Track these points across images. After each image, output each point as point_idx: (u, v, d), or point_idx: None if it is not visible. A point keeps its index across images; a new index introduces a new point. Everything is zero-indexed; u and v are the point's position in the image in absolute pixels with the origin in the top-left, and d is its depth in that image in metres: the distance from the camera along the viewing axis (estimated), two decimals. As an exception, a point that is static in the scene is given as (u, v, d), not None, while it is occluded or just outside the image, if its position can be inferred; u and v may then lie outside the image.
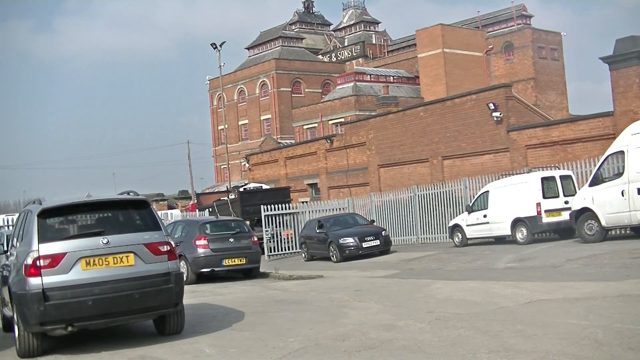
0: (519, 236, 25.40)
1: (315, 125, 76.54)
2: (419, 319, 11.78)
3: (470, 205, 28.18)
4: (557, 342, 8.91)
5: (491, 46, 75.19)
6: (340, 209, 37.44)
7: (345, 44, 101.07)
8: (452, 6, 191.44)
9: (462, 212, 29.15)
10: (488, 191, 27.36)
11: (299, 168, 51.99)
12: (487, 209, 26.95)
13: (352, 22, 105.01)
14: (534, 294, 13.40)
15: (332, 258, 29.19)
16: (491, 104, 35.46)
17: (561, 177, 25.63)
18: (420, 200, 33.89)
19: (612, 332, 9.15)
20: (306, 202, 44.59)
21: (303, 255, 32.61)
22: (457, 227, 28.80)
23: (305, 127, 78.37)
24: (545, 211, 24.74)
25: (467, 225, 28.08)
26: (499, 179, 28.45)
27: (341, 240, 28.84)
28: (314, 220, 33.29)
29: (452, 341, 9.75)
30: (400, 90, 74.85)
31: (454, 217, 30.18)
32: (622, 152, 21.78)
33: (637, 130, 21.61)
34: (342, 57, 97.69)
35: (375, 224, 32.76)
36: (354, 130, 46.85)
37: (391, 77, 78.97)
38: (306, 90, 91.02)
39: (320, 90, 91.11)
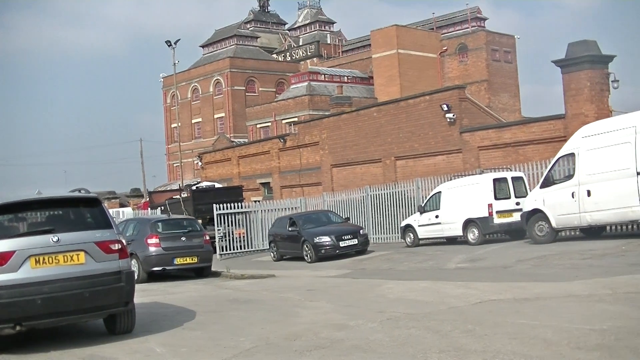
0: (471, 237, 25.57)
1: (269, 124, 76.45)
2: (371, 319, 11.81)
3: (423, 205, 28.30)
4: (507, 341, 8.99)
5: (445, 48, 75.57)
6: (292, 208, 37.41)
7: (300, 44, 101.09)
8: (407, 7, 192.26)
9: (414, 213, 29.25)
10: (440, 192, 27.51)
11: (252, 167, 51.88)
12: (439, 209, 27.09)
13: (307, 22, 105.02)
14: (484, 294, 13.50)
15: (306, 258, 27.64)
16: (445, 105, 35.65)
17: (513, 178, 25.86)
18: (373, 200, 33.95)
19: (561, 331, 9.25)
20: (259, 201, 44.52)
21: (272, 255, 31.16)
22: (409, 228, 28.90)
23: (258, 126, 78.23)
24: (497, 212, 24.95)
25: (419, 226, 28.20)
26: (451, 179, 28.60)
27: (316, 239, 27.24)
28: (284, 217, 31.85)
29: (403, 341, 9.79)
30: (354, 90, 75.00)
31: (406, 218, 30.27)
32: (572, 155, 22.07)
33: (587, 133, 21.89)
34: (297, 57, 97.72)
35: (350, 222, 31.43)
36: (307, 130, 46.86)
37: (345, 77, 79.07)
38: (260, 89, 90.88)
39: (275, 90, 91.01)
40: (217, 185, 45.45)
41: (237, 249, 35.06)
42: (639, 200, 19.72)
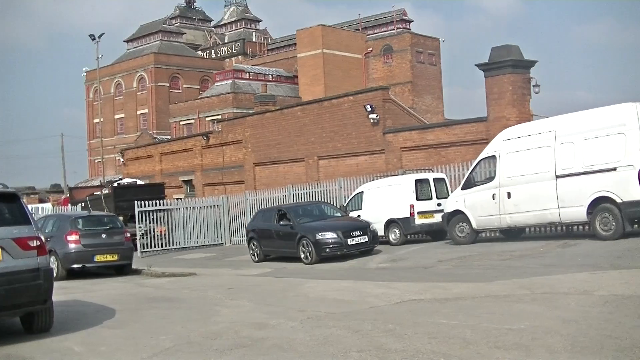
0: (392, 237, 25.75)
1: (192, 121, 75.92)
2: (291, 318, 11.81)
3: (345, 205, 28.37)
4: (426, 341, 9.06)
5: (371, 49, 75.97)
6: (215, 206, 37.25)
7: (226, 41, 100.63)
8: (333, 7, 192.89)
9: (338, 212, 29.31)
10: (362, 192, 27.62)
11: (175, 164, 51.45)
12: (361, 209, 27.17)
13: (233, 19, 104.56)
14: (405, 294, 13.59)
15: (303, 258, 23.37)
16: (368, 106, 35.79)
17: (434, 179, 26.13)
18: (295, 199, 33.91)
19: (480, 331, 9.36)
20: (181, 198, 44.17)
21: (252, 254, 26.46)
22: (331, 227, 28.90)
23: (182, 123, 77.65)
24: (418, 213, 25.17)
25: (342, 226, 28.24)
26: (373, 180, 28.73)
27: (319, 236, 23.03)
28: (269, 209, 28.08)
29: (324, 340, 9.81)
30: (279, 89, 74.97)
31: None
32: (494, 157, 22.40)
33: (508, 136, 22.25)
34: (222, 54, 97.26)
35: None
36: (230, 128, 46.65)
37: (270, 76, 79.02)
38: (184, 86, 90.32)
39: (199, 87, 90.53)
40: (139, 182, 44.95)
41: (159, 247, 34.70)
42: (558, 203, 20.12)
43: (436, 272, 17.28)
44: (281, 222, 24.87)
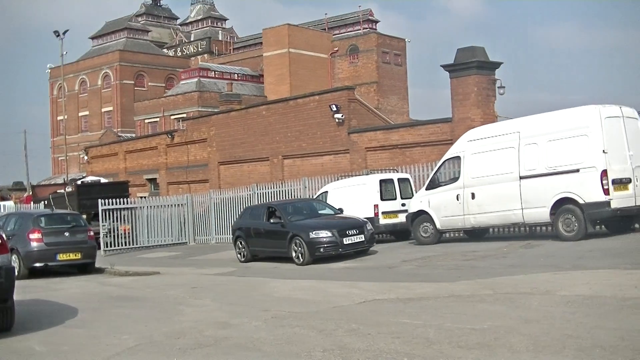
0: (357, 236, 25.78)
1: (157, 119, 75.64)
2: (255, 317, 11.79)
3: (310, 205, 28.38)
4: (390, 340, 9.08)
5: (337, 48, 76.11)
6: (179, 205, 37.13)
7: (192, 39, 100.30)
8: (300, 7, 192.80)
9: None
10: (327, 191, 27.60)
11: (139, 162, 51.18)
12: (325, 209, 27.23)
13: (199, 18, 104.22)
14: (369, 294, 13.61)
15: (295, 259, 21.97)
16: (333, 106, 35.81)
17: (399, 179, 26.19)
18: (260, 198, 33.87)
19: (443, 331, 9.39)
20: (145, 197, 43.93)
21: (238, 254, 25.03)
22: (295, 227, 28.89)
23: (146, 121, 77.33)
24: (383, 213, 25.21)
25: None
26: (338, 179, 28.75)
27: (312, 234, 21.65)
28: (257, 206, 26.78)
29: (287, 339, 9.80)
30: (244, 88, 74.90)
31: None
32: (458, 158, 22.52)
33: (473, 137, 22.37)
34: (188, 52, 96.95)
35: (345, 213, 24.65)
36: (195, 126, 46.49)
37: (236, 75, 78.93)
38: (149, 83, 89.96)
39: (164, 85, 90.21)
40: (103, 180, 44.68)
41: (122, 246, 34.51)
42: (521, 204, 20.26)
43: (400, 272, 17.32)
44: (271, 220, 23.54)
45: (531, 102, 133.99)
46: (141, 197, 42.59)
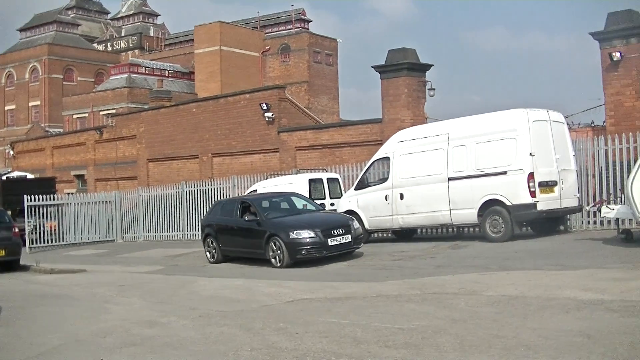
0: (285, 235, 25.74)
1: (86, 115, 74.70)
2: (183, 316, 11.73)
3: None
4: (318, 340, 9.09)
5: (268, 47, 75.98)
6: (107, 202, 36.72)
7: (122, 34, 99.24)
8: (232, 5, 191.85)
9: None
10: (256, 190, 27.56)
11: (67, 158, 50.46)
12: (254, 207, 27.14)
13: (130, 13, 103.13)
14: (297, 293, 13.62)
15: (272, 261, 19.46)
16: (264, 104, 35.76)
17: (328, 179, 26.26)
18: (188, 196, 33.71)
19: (371, 330, 9.43)
20: (72, 193, 43.36)
21: (208, 254, 22.53)
22: (224, 225, 28.78)
23: (75, 116, 76.31)
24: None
25: (235, 223, 28.13)
26: (267, 178, 28.73)
27: (293, 234, 19.06)
28: (230, 201, 23.92)
29: (215, 338, 9.76)
30: (175, 84, 74.40)
31: (222, 215, 30.16)
32: (387, 159, 22.66)
33: (402, 138, 22.54)
34: (118, 48, 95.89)
35: (330, 208, 23.80)
36: (125, 123, 46.03)
37: (166, 71, 78.31)
38: (79, 78, 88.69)
39: (94, 80, 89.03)
40: (29, 175, 43.95)
41: (48, 243, 33.97)
42: (449, 205, 20.48)
43: (328, 271, 17.35)
44: (245, 217, 20.83)
45: (460, 105, 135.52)
46: (68, 194, 42.07)
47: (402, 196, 21.45)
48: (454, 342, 8.44)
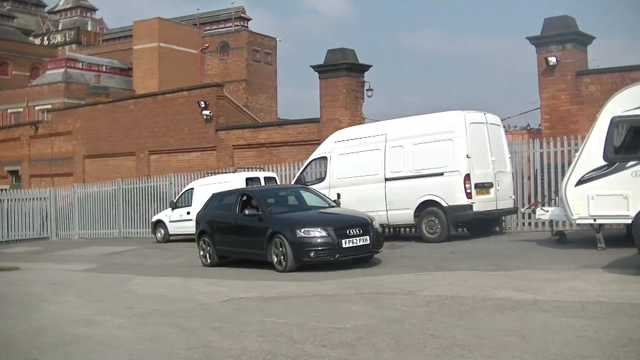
0: (223, 234, 25.65)
1: (21, 110, 73.44)
2: (119, 315, 11.63)
3: (175, 201, 28.24)
4: (254, 339, 9.08)
5: (207, 45, 75.51)
6: (41, 198, 36.26)
7: (60, 28, 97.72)
8: (172, 1, 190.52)
9: (167, 208, 29.10)
10: (193, 188, 27.52)
11: (0, 154, 49.69)
12: (191, 206, 27.07)
13: (68, 6, 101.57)
14: (233, 292, 13.59)
15: (275, 263, 16.96)
16: (202, 102, 35.61)
17: (265, 178, 26.29)
18: (125, 193, 33.47)
19: (307, 330, 9.44)
20: (5, 189, 42.70)
21: (202, 255, 19.93)
22: (160, 223, 28.73)
23: (9, 111, 75.00)
24: (248, 211, 25.17)
25: (171, 222, 28.10)
26: (204, 176, 28.66)
27: (300, 233, 16.47)
28: (229, 193, 20.78)
29: (151, 337, 9.70)
30: (113, 80, 73.54)
31: (158, 213, 30.06)
32: (325, 158, 22.75)
33: (340, 138, 22.63)
34: (55, 42, 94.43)
35: (342, 206, 19.47)
36: (61, 118, 45.48)
37: (104, 67, 77.41)
38: (13, 72, 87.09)
39: (29, 74, 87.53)
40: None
41: (-21, 239, 33.47)
42: (386, 205, 20.61)
43: (265, 271, 17.32)
44: (246, 212, 18.15)
45: (398, 106, 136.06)
46: (2, 190, 41.41)
47: (339, 196, 21.48)
48: (389, 341, 8.49)
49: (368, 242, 16.65)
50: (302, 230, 16.46)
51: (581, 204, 15.71)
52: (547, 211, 18.13)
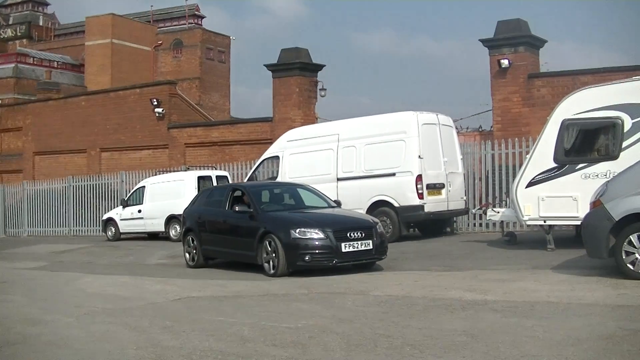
0: (173, 233, 25.66)
1: (-31, 105, 72.58)
2: (67, 314, 11.49)
3: (126, 199, 28.05)
4: (204, 338, 9.03)
5: (161, 42, 75.12)
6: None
7: (10, 22, 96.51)
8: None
9: (118, 206, 28.90)
10: (144, 186, 27.39)
11: (-52, 149, 49.02)
12: (142, 204, 26.94)
13: (19, 0, 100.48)
14: (184, 291, 13.51)
15: (265, 266, 15.24)
16: (154, 100, 35.42)
17: (217, 177, 26.26)
18: (76, 191, 33.20)
19: (258, 329, 9.41)
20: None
21: (187, 255, 18.20)
22: (110, 221, 28.51)
23: (-43, 106, 74.08)
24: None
25: (122, 220, 27.91)
26: (156, 174, 28.54)
27: (295, 233, 14.74)
28: (219, 188, 20.31)
29: (100, 337, 9.59)
30: (64, 76, 72.86)
31: (109, 211, 29.83)
32: (277, 157, 22.78)
33: (293, 138, 22.65)
34: (5, 36, 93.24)
35: (343, 206, 17.91)
36: (10, 114, 45.00)
37: (56, 63, 76.64)
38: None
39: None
40: None
41: None
42: (337, 205, 20.64)
43: (216, 270, 17.25)
44: (236, 208, 16.46)
45: (350, 106, 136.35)
46: (-51, 186, 40.87)
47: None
48: (340, 341, 8.49)
49: (371, 247, 14.95)
50: (298, 230, 14.80)
51: (532, 205, 15.88)
52: (498, 212, 18.28)
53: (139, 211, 26.95)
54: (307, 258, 14.58)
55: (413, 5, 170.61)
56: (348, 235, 14.72)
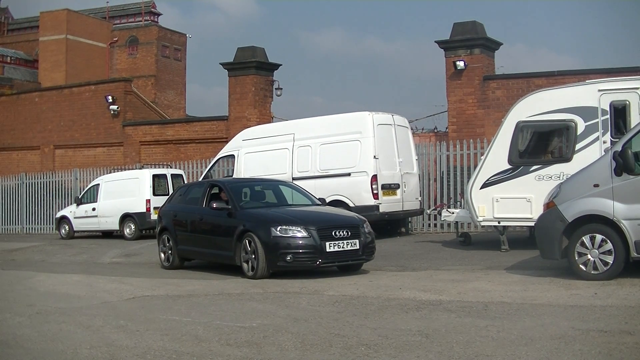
0: (127, 231, 25.56)
1: None
2: (19, 313, 11.36)
3: (80, 197, 27.83)
4: (159, 337, 8.98)
5: (116, 39, 74.50)
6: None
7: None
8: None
9: (72, 204, 28.67)
10: (99, 184, 27.20)
11: None
12: (96, 202, 26.75)
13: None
14: (138, 290, 13.43)
15: (243, 267, 14.41)
16: (109, 97, 35.17)
17: (172, 175, 26.21)
18: (29, 188, 32.87)
19: (212, 328, 9.38)
20: None
21: (162, 255, 17.30)
22: (64, 219, 28.26)
23: None
24: (154, 208, 25.01)
25: (75, 218, 27.69)
26: (110, 172, 28.39)
27: (275, 231, 13.92)
28: (196, 184, 19.23)
29: (53, 336, 9.50)
30: (17, 72, 71.97)
31: (62, 209, 29.58)
32: (232, 156, 22.77)
33: (248, 137, 22.66)
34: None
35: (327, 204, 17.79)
36: (-38, 110, 44.39)
37: (8, 58, 75.71)
38: None
39: None
40: None
41: None
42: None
43: (167, 271, 17.14)
44: (213, 205, 15.47)
45: (304, 105, 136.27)
46: None
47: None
48: (295, 340, 8.49)
49: (357, 247, 14.19)
50: (279, 228, 13.95)
51: (486, 206, 16.02)
52: (453, 213, 18.41)
53: (93, 209, 26.76)
54: (288, 258, 13.80)
55: (362, 5, 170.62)
56: (333, 233, 13.97)
